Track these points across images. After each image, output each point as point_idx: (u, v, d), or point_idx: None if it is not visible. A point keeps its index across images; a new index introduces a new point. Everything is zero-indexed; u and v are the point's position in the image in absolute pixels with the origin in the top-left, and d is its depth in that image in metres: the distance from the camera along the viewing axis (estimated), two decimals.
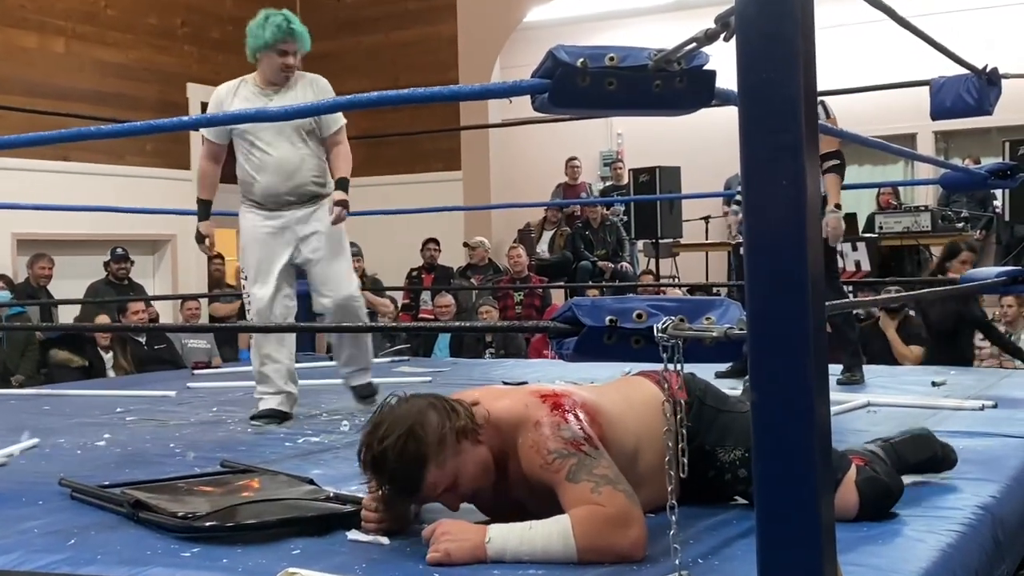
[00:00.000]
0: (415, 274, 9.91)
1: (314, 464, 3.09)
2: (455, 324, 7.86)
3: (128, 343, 7.33)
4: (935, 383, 4.48)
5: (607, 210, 10.27)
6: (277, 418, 4.01)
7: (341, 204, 4.01)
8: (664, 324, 1.80)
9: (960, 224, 8.55)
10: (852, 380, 4.57)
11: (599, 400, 2.22)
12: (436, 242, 9.96)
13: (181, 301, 8.76)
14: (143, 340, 7.50)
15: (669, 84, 1.91)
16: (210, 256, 9.58)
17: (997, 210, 9.07)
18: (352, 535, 2.18)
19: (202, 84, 9.95)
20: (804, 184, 1.39)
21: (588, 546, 1.95)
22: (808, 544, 1.40)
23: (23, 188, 7.60)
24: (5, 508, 2.59)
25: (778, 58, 1.40)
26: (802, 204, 1.39)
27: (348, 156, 4.15)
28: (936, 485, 2.57)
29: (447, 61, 10.53)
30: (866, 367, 4.81)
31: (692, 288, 8.70)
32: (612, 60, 1.88)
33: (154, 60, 9.63)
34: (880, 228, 8.47)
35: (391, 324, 7.55)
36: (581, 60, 1.87)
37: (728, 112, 1.76)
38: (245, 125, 3.97)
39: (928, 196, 10.17)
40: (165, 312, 9.22)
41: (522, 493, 2.12)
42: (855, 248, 8.15)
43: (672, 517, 1.81)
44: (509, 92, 2.03)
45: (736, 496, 2.39)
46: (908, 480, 2.43)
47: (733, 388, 2.77)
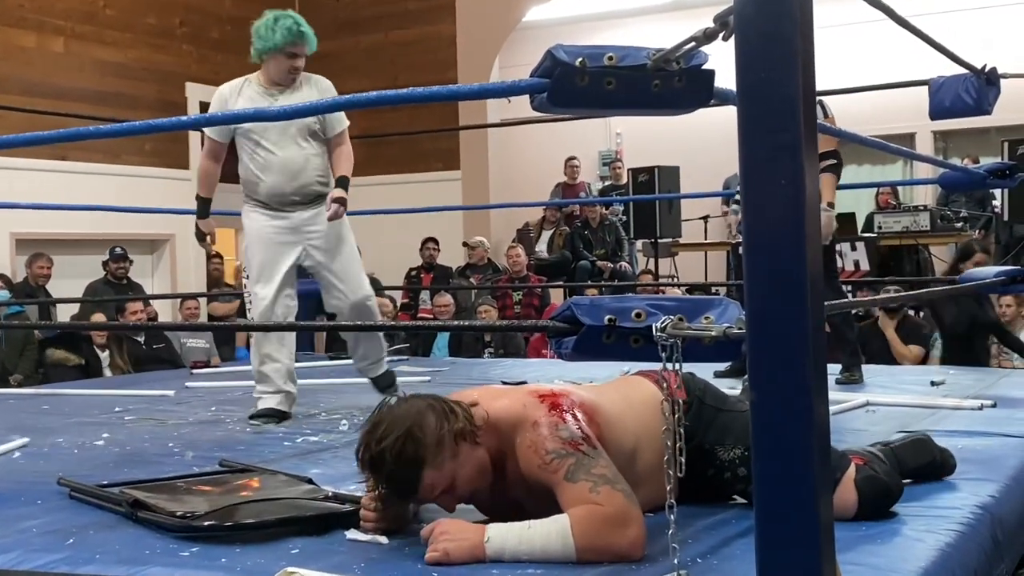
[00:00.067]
0: (414, 273, 9.91)
1: (313, 463, 3.09)
2: (454, 323, 7.86)
3: (125, 342, 7.32)
4: (934, 383, 4.48)
5: (606, 210, 10.27)
6: (276, 417, 4.01)
7: (339, 201, 4.03)
8: (663, 323, 1.80)
9: (959, 224, 8.54)
10: (851, 380, 4.57)
11: (598, 400, 2.22)
12: (435, 241, 9.96)
13: (180, 301, 8.76)
14: (141, 339, 7.49)
15: (668, 83, 1.91)
16: (209, 255, 9.62)
17: (996, 210, 9.06)
18: (351, 534, 2.18)
19: (201, 84, 9.95)
20: (803, 183, 1.39)
21: (587, 545, 1.95)
22: (807, 543, 1.40)
23: (22, 187, 7.61)
24: (4, 507, 2.59)
25: (777, 57, 1.40)
26: (801, 203, 1.39)
27: (350, 156, 4.19)
28: (935, 485, 2.57)
29: (446, 61, 10.54)
30: (865, 367, 4.81)
31: (691, 288, 8.69)
32: (611, 59, 1.88)
33: (153, 60, 9.63)
34: (879, 228, 8.46)
35: (390, 323, 7.54)
36: (580, 60, 1.87)
37: (727, 112, 1.76)
38: (250, 125, 3.98)
39: (927, 196, 10.17)
40: (164, 311, 9.22)
41: (520, 493, 2.12)
42: (854, 248, 8.15)
43: (671, 516, 1.81)
44: (508, 92, 2.03)
45: (735, 495, 2.39)
46: (906, 481, 2.43)
47: (732, 387, 2.77)
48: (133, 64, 9.44)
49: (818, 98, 4.15)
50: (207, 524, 2.21)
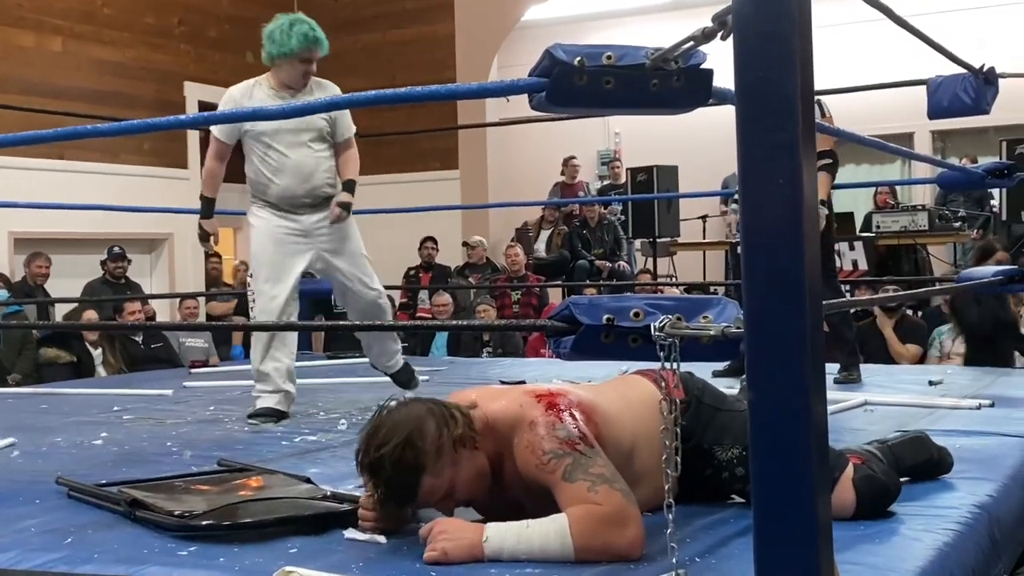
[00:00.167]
0: (413, 273, 9.92)
1: (311, 463, 3.09)
2: (452, 323, 7.86)
3: (119, 340, 7.32)
4: (932, 382, 4.49)
5: (604, 209, 10.27)
6: (274, 417, 4.01)
7: (344, 206, 4.11)
8: (661, 323, 1.80)
9: (957, 224, 8.55)
10: (849, 379, 4.57)
11: (596, 399, 2.22)
12: (434, 241, 9.97)
13: (179, 300, 8.76)
14: (139, 339, 7.49)
15: (666, 83, 1.91)
16: (211, 254, 9.62)
17: (994, 209, 9.07)
18: (349, 534, 2.18)
19: (199, 83, 9.95)
20: (801, 183, 1.39)
21: (585, 545, 1.95)
22: (805, 543, 1.40)
23: (20, 187, 7.60)
24: (2, 507, 2.58)
25: (775, 57, 1.40)
26: (799, 203, 1.39)
27: (357, 161, 4.28)
28: (933, 484, 2.57)
29: (445, 60, 10.54)
30: (863, 366, 4.81)
31: (689, 287, 8.70)
32: (609, 59, 1.88)
33: (151, 59, 9.62)
34: (877, 227, 8.46)
35: (388, 323, 7.53)
36: (578, 59, 1.87)
37: (725, 111, 1.76)
38: (262, 128, 4.02)
39: (925, 195, 10.18)
40: (162, 311, 9.21)
41: (519, 493, 2.12)
42: (852, 247, 8.15)
43: (669, 515, 1.81)
44: (506, 91, 2.03)
45: (733, 495, 2.39)
46: (904, 480, 2.43)
47: (730, 387, 2.77)
48: (131, 63, 9.44)
49: (816, 98, 4.17)
50: (205, 523, 2.21)
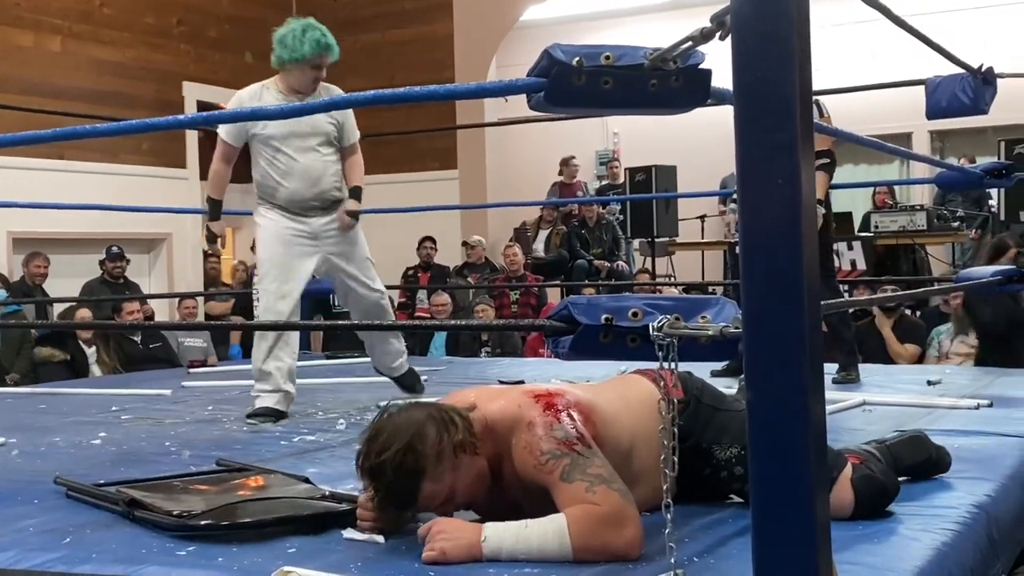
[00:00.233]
0: (411, 273, 9.91)
1: (310, 463, 3.09)
2: (451, 323, 7.86)
3: (115, 339, 7.32)
4: (930, 382, 4.49)
5: (603, 209, 10.27)
6: (273, 416, 4.01)
7: (352, 214, 4.21)
8: (660, 323, 1.80)
9: (955, 223, 8.55)
10: (848, 379, 4.57)
11: (594, 399, 2.22)
12: (432, 241, 9.96)
13: (179, 300, 8.76)
14: (138, 338, 7.48)
15: (665, 83, 1.91)
16: (207, 254, 9.60)
17: (993, 209, 9.06)
18: (348, 534, 2.18)
19: (198, 83, 9.95)
20: (799, 183, 1.39)
21: (583, 545, 1.95)
22: (803, 543, 1.40)
23: (19, 187, 7.59)
24: (1, 506, 2.58)
25: (773, 57, 1.39)
26: (797, 203, 1.39)
27: (362, 166, 4.38)
28: (931, 484, 2.58)
29: (443, 60, 10.53)
30: (862, 366, 4.81)
31: (688, 287, 8.70)
32: (608, 59, 1.88)
33: (150, 59, 9.61)
34: (876, 227, 8.46)
35: (387, 323, 7.54)
36: (577, 59, 1.87)
37: (724, 111, 1.76)
38: (271, 131, 4.08)
39: (924, 195, 10.18)
40: (161, 311, 9.21)
41: (517, 493, 2.12)
42: (851, 247, 8.15)
43: (667, 515, 1.81)
44: (505, 91, 2.03)
45: (732, 494, 2.39)
46: (902, 480, 2.44)
47: (729, 387, 2.77)
48: (130, 63, 9.43)
49: (814, 98, 4.17)
50: (204, 523, 2.21)
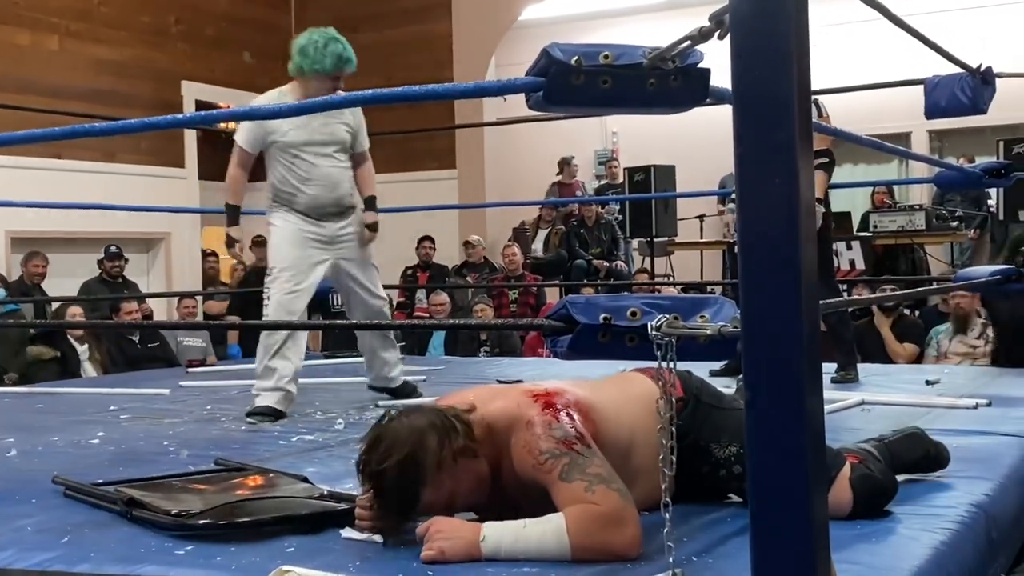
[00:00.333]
0: (410, 272, 9.91)
1: (308, 462, 3.09)
2: (450, 322, 7.86)
3: (108, 338, 7.31)
4: (929, 381, 4.49)
5: (602, 209, 10.27)
6: (272, 416, 4.02)
7: (372, 227, 4.33)
8: (658, 322, 1.79)
9: (954, 223, 8.55)
10: (846, 378, 4.58)
11: (593, 397, 2.21)
12: (431, 240, 9.96)
13: (179, 300, 8.75)
14: (136, 338, 7.48)
15: (664, 82, 1.90)
16: (205, 253, 9.61)
17: (991, 209, 9.07)
18: (346, 533, 2.18)
19: (196, 82, 9.94)
20: (798, 182, 1.39)
21: (582, 544, 1.95)
22: (802, 542, 1.40)
23: (17, 186, 7.59)
24: None
25: (772, 56, 1.39)
26: (796, 202, 1.39)
27: (374, 174, 4.48)
28: (930, 483, 2.58)
29: (442, 59, 10.52)
30: (861, 365, 4.82)
31: (687, 287, 8.69)
32: (607, 58, 1.88)
33: (148, 58, 9.60)
34: (874, 227, 8.46)
35: (386, 322, 7.54)
36: (576, 58, 1.87)
37: (723, 110, 1.76)
38: (290, 139, 4.17)
39: (922, 195, 10.18)
40: (159, 310, 9.20)
41: (516, 492, 2.11)
42: (850, 247, 8.15)
43: (666, 515, 1.81)
44: (504, 90, 2.03)
45: (730, 493, 2.39)
46: (901, 478, 2.43)
47: (727, 386, 2.77)
48: (128, 62, 9.42)
49: (813, 97, 4.17)
50: (202, 523, 2.21)
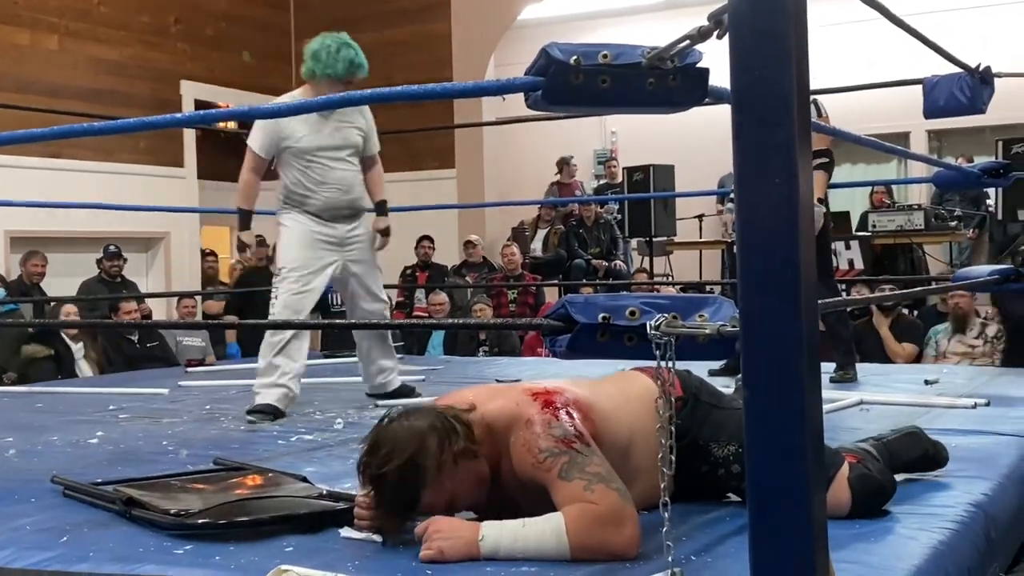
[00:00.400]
0: (409, 272, 9.91)
1: (307, 462, 3.09)
2: (449, 322, 7.86)
3: (105, 336, 7.31)
4: (928, 381, 4.49)
5: (601, 208, 10.27)
6: (271, 414, 4.02)
7: (386, 232, 4.46)
8: (657, 321, 1.80)
9: (953, 223, 8.55)
10: (845, 378, 4.58)
11: (592, 396, 2.21)
12: (430, 240, 9.95)
13: (178, 300, 8.75)
14: (135, 338, 7.48)
15: (662, 82, 1.90)
16: (204, 253, 9.61)
17: (990, 209, 9.07)
18: (345, 532, 2.18)
19: (195, 81, 9.94)
20: (796, 182, 1.39)
21: (581, 544, 1.95)
22: (800, 541, 1.40)
23: (16, 185, 7.59)
24: None
25: (771, 56, 1.39)
26: (794, 202, 1.39)
27: (383, 177, 4.57)
28: (929, 483, 2.58)
29: (441, 59, 10.52)
30: (859, 365, 4.82)
31: (686, 286, 8.70)
32: (605, 58, 1.88)
33: (147, 57, 9.60)
34: (873, 227, 8.46)
35: (384, 322, 7.54)
36: (574, 58, 1.87)
37: (722, 110, 1.76)
38: (304, 144, 4.23)
39: (921, 195, 10.18)
40: (158, 310, 9.20)
41: (515, 491, 2.12)
42: (848, 247, 8.15)
43: (665, 514, 1.81)
44: (503, 90, 2.03)
45: (729, 493, 2.39)
46: (900, 478, 2.44)
47: (726, 386, 2.77)
48: (128, 62, 9.42)
49: (812, 97, 4.17)
50: (201, 522, 2.21)
